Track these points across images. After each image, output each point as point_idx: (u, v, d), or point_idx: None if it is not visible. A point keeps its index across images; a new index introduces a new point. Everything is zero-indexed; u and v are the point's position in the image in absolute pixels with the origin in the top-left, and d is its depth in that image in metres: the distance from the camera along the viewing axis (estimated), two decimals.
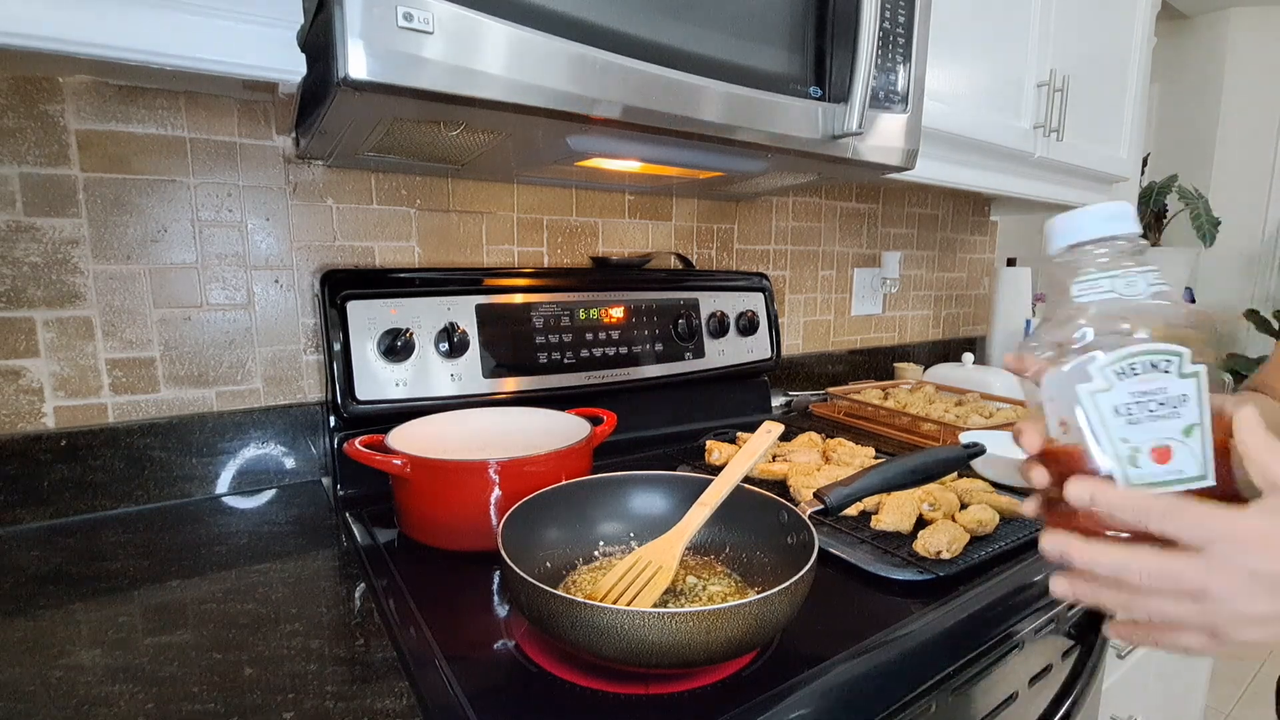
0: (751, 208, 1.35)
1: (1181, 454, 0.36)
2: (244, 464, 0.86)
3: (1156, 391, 0.36)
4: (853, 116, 0.76)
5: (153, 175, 0.78)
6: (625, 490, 0.66)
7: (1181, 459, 0.36)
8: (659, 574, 0.54)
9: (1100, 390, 0.36)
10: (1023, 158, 1.30)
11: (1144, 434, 0.36)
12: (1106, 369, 0.36)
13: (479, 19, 0.54)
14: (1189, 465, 0.36)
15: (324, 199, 0.89)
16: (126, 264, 0.78)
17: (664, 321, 1.09)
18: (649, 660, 0.44)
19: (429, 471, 0.67)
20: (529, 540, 0.58)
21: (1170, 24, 2.81)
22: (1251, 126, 2.67)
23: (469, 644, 0.53)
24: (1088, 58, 1.37)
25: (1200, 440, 0.36)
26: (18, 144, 0.71)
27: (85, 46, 0.54)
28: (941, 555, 0.65)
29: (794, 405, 1.35)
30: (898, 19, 0.82)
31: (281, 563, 0.66)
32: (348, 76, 0.49)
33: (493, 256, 1.04)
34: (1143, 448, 0.36)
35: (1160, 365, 0.36)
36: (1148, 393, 0.36)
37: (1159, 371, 0.36)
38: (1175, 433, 0.36)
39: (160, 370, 0.81)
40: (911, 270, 1.72)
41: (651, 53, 0.64)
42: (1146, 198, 2.37)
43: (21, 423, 0.74)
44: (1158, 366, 0.36)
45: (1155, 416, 0.36)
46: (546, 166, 0.91)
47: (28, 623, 0.55)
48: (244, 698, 0.46)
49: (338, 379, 0.81)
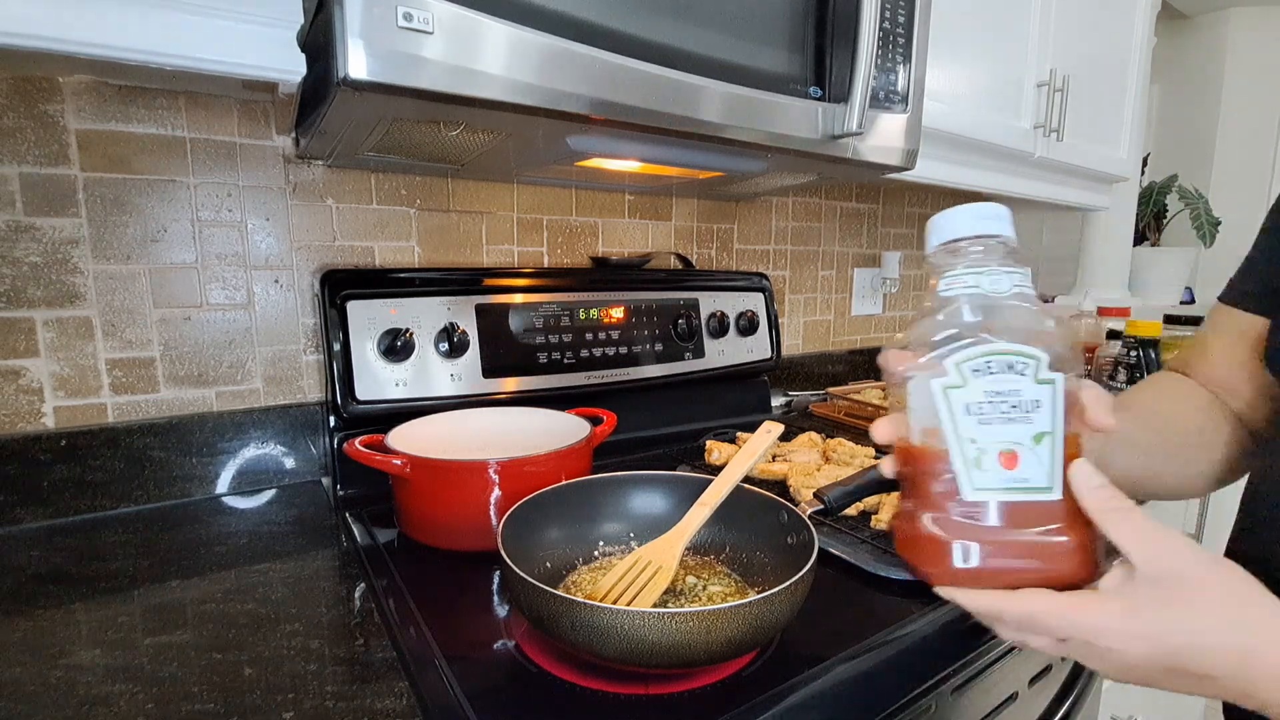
0: (751, 208, 1.35)
1: (1029, 461, 0.35)
2: (244, 464, 0.86)
3: (1010, 393, 0.35)
4: (853, 116, 0.76)
5: (153, 175, 0.78)
6: (625, 490, 0.66)
7: (1029, 466, 0.35)
8: (659, 574, 0.54)
9: (954, 386, 0.35)
10: (1023, 158, 1.30)
11: (993, 436, 0.35)
12: (963, 365, 0.35)
13: (479, 19, 0.54)
14: (1036, 474, 0.35)
15: (324, 199, 0.89)
16: (126, 264, 0.78)
17: (664, 321, 1.09)
18: (649, 660, 0.44)
19: (429, 471, 0.67)
20: (529, 540, 0.58)
21: (1170, 24, 2.81)
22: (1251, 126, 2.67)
23: (469, 644, 0.53)
24: (1088, 58, 1.37)
25: (1050, 450, 0.35)
26: (17, 144, 0.71)
27: (85, 46, 0.54)
28: None
29: (794, 405, 1.35)
30: (898, 19, 0.82)
31: (281, 563, 0.66)
32: (348, 76, 0.49)
33: (493, 256, 1.04)
34: (990, 450, 0.35)
35: (1016, 367, 0.35)
36: (1001, 393, 0.35)
37: (1014, 373, 0.35)
38: (1025, 438, 0.35)
39: (160, 370, 0.81)
40: (912, 270, 1.72)
41: (651, 53, 0.64)
42: (1146, 198, 2.37)
43: (21, 423, 0.74)
44: (1014, 368, 0.35)
45: (1007, 419, 0.35)
46: (546, 166, 0.91)
47: (28, 623, 0.55)
48: (244, 698, 0.46)
49: (338, 379, 0.81)
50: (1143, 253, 2.22)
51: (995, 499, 0.35)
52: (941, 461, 0.36)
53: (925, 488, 0.37)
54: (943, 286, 0.37)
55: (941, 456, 0.36)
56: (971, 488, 0.35)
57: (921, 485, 0.37)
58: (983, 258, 0.37)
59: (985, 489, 0.35)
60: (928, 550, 0.37)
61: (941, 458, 0.36)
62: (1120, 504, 0.34)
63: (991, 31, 1.18)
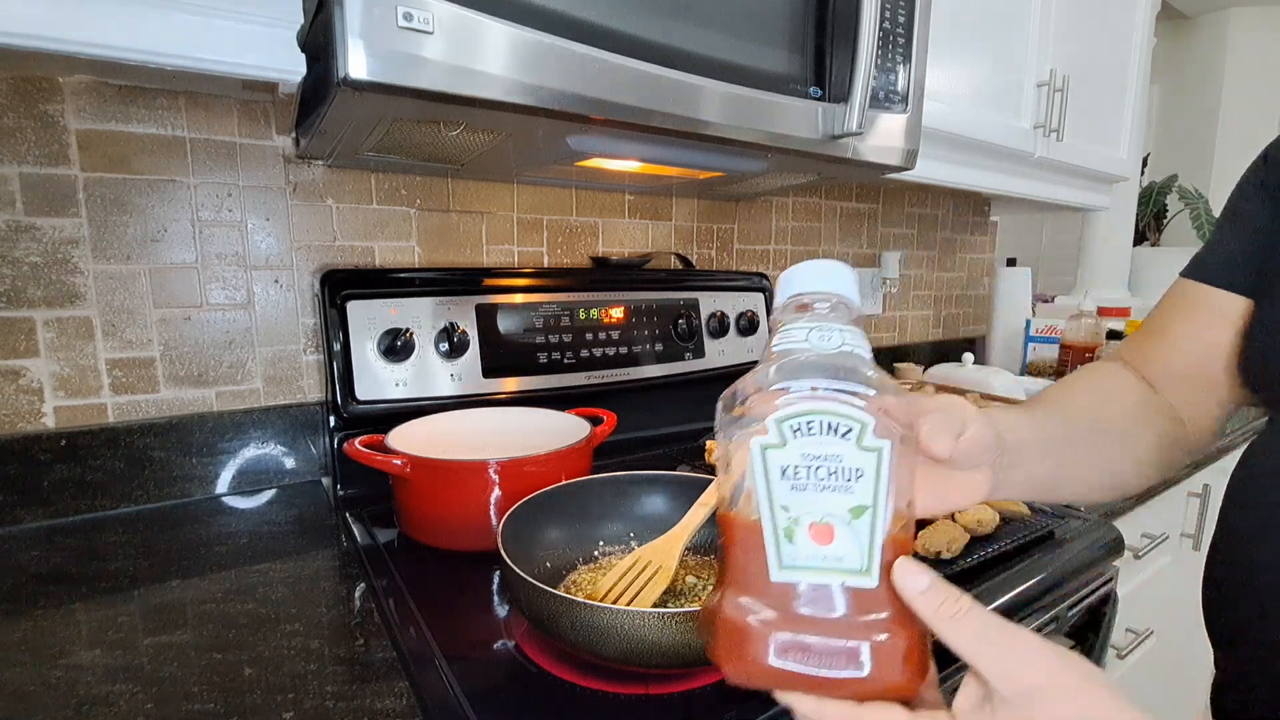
0: (751, 208, 1.35)
1: (845, 538, 0.30)
2: (244, 464, 0.86)
3: (829, 458, 0.31)
4: (852, 116, 0.76)
5: (153, 175, 0.78)
6: (625, 490, 0.66)
7: (844, 544, 0.30)
8: (659, 574, 0.54)
9: (772, 446, 0.31)
10: (1023, 158, 1.30)
11: (806, 505, 0.30)
12: (783, 423, 0.31)
13: (479, 19, 0.54)
14: (851, 554, 0.30)
15: (324, 199, 0.89)
16: (126, 264, 0.78)
17: (664, 321, 1.09)
18: (649, 660, 0.44)
19: (429, 471, 0.67)
20: (529, 540, 0.58)
21: (1170, 24, 2.81)
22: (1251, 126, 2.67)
23: (469, 644, 0.53)
24: (1088, 58, 1.37)
25: (869, 527, 0.30)
26: (18, 144, 0.71)
27: (85, 46, 0.54)
28: (941, 555, 0.65)
29: None
30: (898, 19, 0.82)
31: (281, 563, 0.66)
32: (348, 76, 0.49)
33: (493, 256, 1.04)
34: (802, 520, 0.30)
35: (839, 430, 0.31)
36: (820, 458, 0.31)
37: (836, 437, 0.31)
38: (841, 510, 0.30)
39: (160, 370, 0.81)
40: (911, 270, 1.72)
41: (651, 53, 0.64)
42: (1146, 198, 2.37)
43: (21, 423, 0.74)
44: (836, 430, 0.31)
45: (823, 487, 0.30)
46: (546, 166, 0.91)
47: (28, 623, 0.55)
48: (244, 698, 0.46)
49: (338, 379, 0.81)
50: (1143, 253, 2.22)
51: (807, 579, 0.30)
52: (754, 533, 0.31)
53: (733, 562, 0.32)
54: (776, 341, 0.34)
55: (754, 527, 0.31)
56: (780, 564, 0.30)
57: (730, 559, 0.33)
58: (827, 314, 0.35)
59: (795, 566, 0.30)
60: (726, 639, 0.31)
61: (754, 529, 0.31)
62: (957, 607, 0.29)
63: (991, 31, 1.18)
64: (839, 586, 0.30)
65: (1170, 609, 1.15)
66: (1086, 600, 0.73)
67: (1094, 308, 1.59)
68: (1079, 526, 0.77)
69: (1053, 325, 1.66)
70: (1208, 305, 0.53)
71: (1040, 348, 1.68)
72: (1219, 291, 0.52)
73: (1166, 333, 0.55)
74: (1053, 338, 1.65)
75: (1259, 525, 0.47)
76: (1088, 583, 0.74)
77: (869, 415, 0.31)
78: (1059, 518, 0.78)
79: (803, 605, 0.30)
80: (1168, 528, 1.08)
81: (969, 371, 1.45)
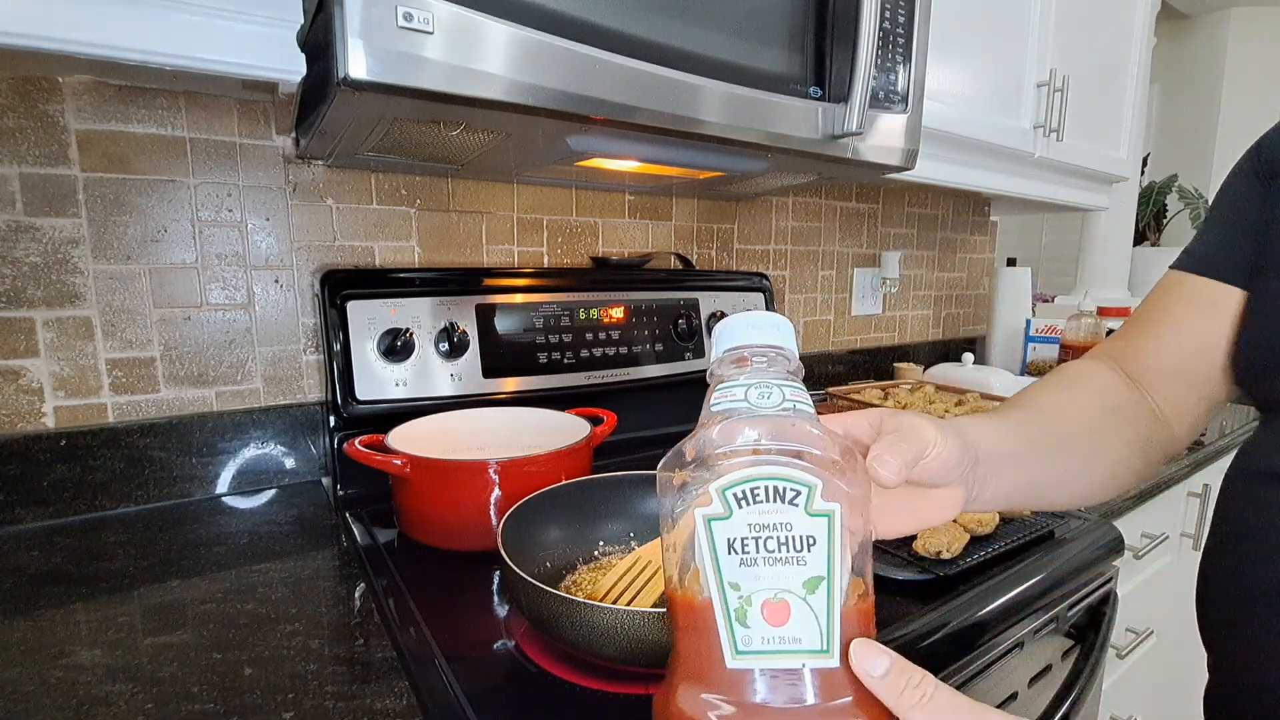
0: (751, 208, 1.35)
1: (800, 615, 0.27)
2: (244, 464, 0.86)
3: (779, 526, 0.28)
4: (852, 117, 0.76)
5: (153, 175, 0.78)
6: (625, 490, 0.66)
7: (801, 622, 0.27)
8: (659, 574, 0.54)
9: (717, 516, 0.28)
10: (1023, 158, 1.30)
11: (757, 581, 0.28)
12: (725, 491, 0.28)
13: (479, 19, 0.54)
14: (809, 633, 0.27)
15: (324, 199, 0.89)
16: (126, 264, 0.78)
17: (664, 321, 1.09)
18: (649, 660, 0.44)
19: (429, 471, 0.67)
20: (529, 540, 0.58)
21: (1170, 24, 2.81)
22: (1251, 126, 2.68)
23: (469, 644, 0.53)
24: (1087, 58, 1.37)
25: (826, 600, 0.27)
26: (18, 144, 0.71)
27: (85, 46, 0.54)
28: (941, 555, 0.65)
29: None
30: (898, 19, 0.82)
31: (281, 563, 0.66)
32: (348, 76, 0.49)
33: (493, 256, 1.04)
34: (754, 599, 0.27)
35: (786, 495, 0.28)
36: (768, 526, 0.28)
37: (784, 503, 0.28)
38: (795, 584, 0.27)
39: (160, 370, 0.81)
40: (911, 270, 1.72)
41: (652, 53, 0.64)
42: (1146, 198, 2.37)
43: (21, 423, 0.74)
44: (783, 496, 0.28)
45: (774, 559, 0.28)
46: (546, 166, 0.91)
47: (28, 623, 0.55)
48: (244, 698, 0.46)
49: (338, 379, 0.81)
50: (1143, 253, 2.22)
51: (764, 664, 0.27)
52: (704, 614, 0.28)
53: (684, 648, 0.29)
54: (714, 400, 0.32)
55: (704, 607, 0.28)
56: (734, 650, 0.27)
57: (680, 644, 0.30)
58: (765, 369, 0.32)
59: (750, 652, 0.27)
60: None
61: (704, 609, 0.28)
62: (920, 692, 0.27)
63: (991, 31, 1.18)
64: (799, 670, 0.27)
65: (1170, 609, 1.15)
66: (1086, 600, 0.74)
67: (1094, 308, 1.59)
68: (1079, 526, 0.77)
69: (1053, 325, 1.66)
70: (1199, 297, 0.51)
71: (1040, 348, 1.68)
72: (1211, 282, 0.51)
73: (1156, 327, 0.53)
74: (1053, 338, 1.65)
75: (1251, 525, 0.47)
76: (1088, 582, 0.74)
77: (816, 477, 0.28)
78: (1059, 518, 0.78)
79: (762, 695, 0.27)
80: (1168, 528, 1.08)
81: (969, 371, 1.45)
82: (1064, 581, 0.70)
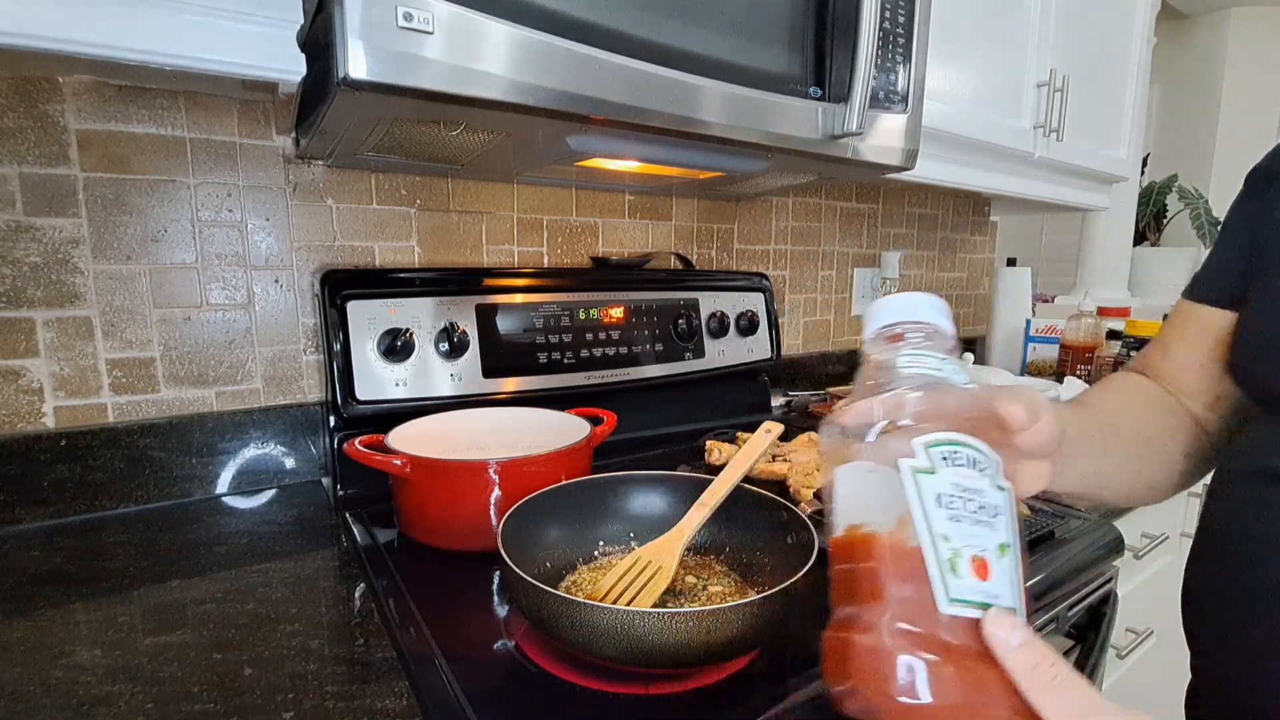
0: (751, 208, 1.35)
1: (998, 573, 0.29)
2: (244, 464, 0.86)
3: (975, 492, 0.30)
4: (852, 117, 0.76)
5: (153, 175, 0.78)
6: (625, 490, 0.66)
7: (998, 579, 0.29)
8: (659, 574, 0.54)
9: (923, 470, 0.30)
10: (1023, 158, 1.30)
11: (964, 537, 0.29)
12: (931, 449, 0.30)
13: (479, 19, 0.54)
14: (1005, 592, 0.29)
15: (324, 199, 0.89)
16: (126, 264, 0.78)
17: (664, 321, 1.09)
18: (649, 660, 0.44)
19: (429, 471, 0.67)
20: (529, 540, 0.58)
21: (1170, 24, 2.81)
22: (1251, 126, 2.68)
23: (469, 644, 0.53)
24: (1087, 58, 1.37)
25: (1013, 565, 0.29)
26: (18, 144, 0.71)
27: (85, 46, 0.54)
28: None
29: (794, 405, 1.35)
30: (898, 19, 0.82)
31: (281, 563, 0.66)
32: (348, 76, 0.49)
33: (493, 256, 1.04)
34: (963, 553, 0.29)
35: (979, 465, 0.30)
36: (968, 490, 0.29)
37: (977, 471, 0.30)
38: (991, 546, 0.29)
39: (160, 370, 0.81)
40: (911, 270, 1.72)
41: (651, 53, 0.64)
42: (1146, 198, 2.37)
43: (21, 423, 0.74)
44: (977, 465, 0.30)
45: (976, 520, 0.29)
46: (546, 166, 0.91)
47: (28, 623, 0.55)
48: (244, 698, 0.46)
49: (338, 379, 0.81)
50: (1143, 253, 2.22)
51: (969, 613, 0.28)
52: (913, 560, 0.29)
53: (884, 588, 0.30)
54: (903, 362, 0.33)
55: (912, 554, 0.29)
56: (946, 598, 0.28)
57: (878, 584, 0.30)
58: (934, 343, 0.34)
59: (960, 600, 0.28)
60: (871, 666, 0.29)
61: (912, 555, 0.29)
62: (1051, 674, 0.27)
63: (991, 31, 1.18)
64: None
65: (1170, 609, 1.15)
66: (1087, 600, 0.73)
67: (1094, 308, 1.59)
68: (1079, 526, 0.77)
69: (1053, 325, 1.66)
70: (1199, 323, 0.55)
71: (1040, 348, 1.68)
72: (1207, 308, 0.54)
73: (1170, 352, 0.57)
74: (1053, 338, 1.65)
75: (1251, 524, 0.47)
76: (1088, 582, 0.74)
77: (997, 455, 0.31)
78: (1059, 518, 0.78)
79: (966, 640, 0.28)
80: (1168, 528, 1.08)
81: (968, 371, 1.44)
82: (1064, 581, 0.70)
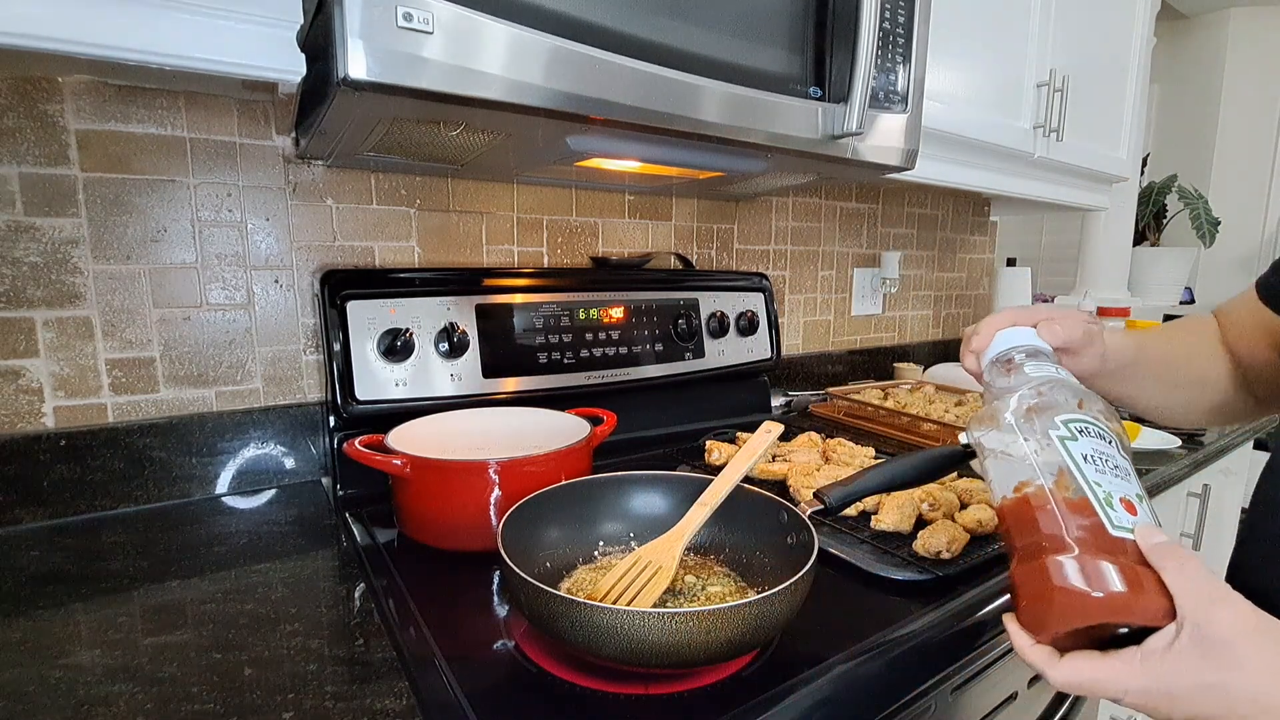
0: (751, 208, 1.35)
1: (1143, 512, 0.39)
2: (244, 464, 0.86)
3: (1108, 456, 0.40)
4: (852, 117, 0.76)
5: (152, 175, 0.78)
6: (625, 490, 0.66)
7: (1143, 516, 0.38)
8: (659, 574, 0.54)
9: (1068, 438, 0.40)
10: (1023, 158, 1.30)
11: (1111, 484, 0.39)
12: (1071, 422, 0.41)
13: (479, 19, 0.54)
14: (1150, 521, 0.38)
15: (324, 199, 0.89)
16: (126, 264, 0.78)
17: (664, 321, 1.09)
18: (649, 660, 0.44)
19: (429, 471, 0.67)
20: (529, 540, 0.58)
21: (1170, 24, 2.81)
22: (1251, 126, 2.68)
23: (469, 644, 0.53)
24: (1087, 58, 1.37)
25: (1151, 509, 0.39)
26: (18, 144, 0.71)
27: (85, 46, 0.54)
28: (941, 555, 0.65)
29: (794, 405, 1.35)
30: (898, 19, 0.82)
31: (281, 563, 0.66)
32: (347, 76, 0.49)
33: (492, 256, 1.04)
34: (1115, 494, 0.39)
35: (1105, 437, 0.41)
36: (1103, 454, 0.40)
37: (1105, 441, 0.41)
38: (1133, 494, 0.39)
39: (160, 370, 0.81)
40: (911, 270, 1.72)
41: (651, 53, 0.64)
42: (1146, 198, 2.37)
43: (21, 423, 0.74)
44: (1104, 438, 0.41)
45: (1116, 474, 0.39)
46: (546, 166, 0.91)
47: (28, 623, 0.55)
48: (244, 698, 0.46)
49: (338, 379, 0.81)
50: (1143, 253, 2.22)
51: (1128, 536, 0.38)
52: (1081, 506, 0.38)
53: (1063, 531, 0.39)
54: (1031, 369, 0.46)
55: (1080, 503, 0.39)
56: (1110, 525, 0.38)
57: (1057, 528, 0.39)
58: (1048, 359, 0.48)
59: (1122, 527, 0.38)
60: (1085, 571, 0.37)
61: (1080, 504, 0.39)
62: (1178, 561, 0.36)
63: (991, 31, 1.18)
64: None
65: None
66: None
67: (1094, 307, 1.59)
68: None
69: None
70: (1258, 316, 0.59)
71: None
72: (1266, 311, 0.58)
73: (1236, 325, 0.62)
74: None
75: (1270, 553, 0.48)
76: None
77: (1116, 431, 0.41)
78: None
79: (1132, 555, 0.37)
80: (1168, 528, 1.08)
81: None
82: None
